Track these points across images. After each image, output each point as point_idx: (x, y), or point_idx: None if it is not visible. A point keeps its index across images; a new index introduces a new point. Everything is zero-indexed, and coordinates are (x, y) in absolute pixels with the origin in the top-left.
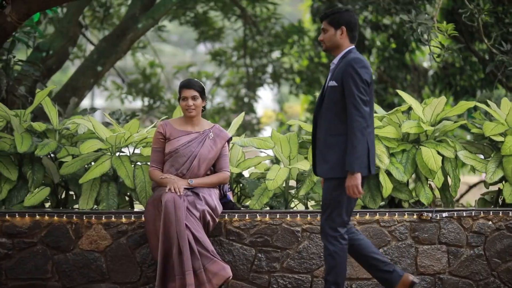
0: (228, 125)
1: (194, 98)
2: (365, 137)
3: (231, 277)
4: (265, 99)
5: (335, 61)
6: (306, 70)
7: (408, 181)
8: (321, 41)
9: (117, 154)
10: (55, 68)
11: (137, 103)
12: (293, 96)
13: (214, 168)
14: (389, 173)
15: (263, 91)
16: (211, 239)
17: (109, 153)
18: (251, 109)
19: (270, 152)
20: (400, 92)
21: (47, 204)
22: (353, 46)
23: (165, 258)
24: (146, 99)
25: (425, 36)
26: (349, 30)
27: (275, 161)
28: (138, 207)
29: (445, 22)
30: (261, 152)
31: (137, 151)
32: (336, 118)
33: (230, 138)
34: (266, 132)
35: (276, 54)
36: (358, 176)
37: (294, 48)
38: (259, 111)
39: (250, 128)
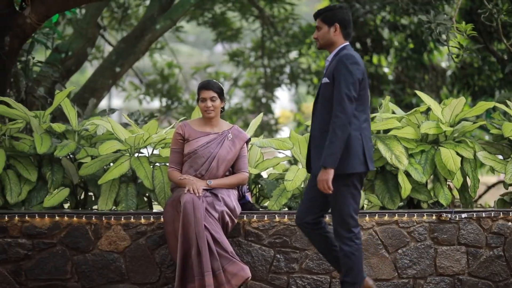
0: (245, 125)
1: (212, 99)
2: (344, 134)
3: (250, 277)
4: (282, 99)
5: (329, 58)
6: (323, 70)
7: (427, 182)
8: (315, 38)
9: (136, 155)
10: (74, 69)
11: (155, 104)
12: (310, 96)
13: (233, 169)
14: (408, 174)
15: (280, 91)
16: (230, 240)
17: (128, 154)
18: (268, 110)
19: (288, 153)
20: (419, 93)
21: (66, 205)
22: (347, 43)
23: (184, 259)
24: (164, 100)
25: (444, 36)
26: (343, 27)
27: (293, 161)
28: (156, 208)
29: (463, 22)
30: (279, 152)
31: (155, 152)
32: (329, 115)
33: (249, 139)
34: (284, 132)
35: (293, 54)
36: (331, 172)
37: (312, 48)
38: (276, 112)
39: (267, 129)
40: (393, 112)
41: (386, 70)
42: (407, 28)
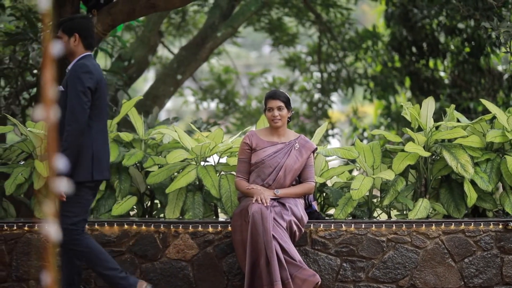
0: (301, 130)
1: (279, 108)
2: (77, 142)
3: (320, 282)
4: (336, 103)
5: (69, 67)
6: (379, 75)
7: (492, 190)
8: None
9: (202, 163)
10: (135, 77)
11: (207, 109)
12: (367, 100)
13: (300, 178)
14: (473, 183)
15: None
16: (297, 248)
17: (194, 163)
18: (324, 115)
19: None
20: (483, 101)
21: (132, 213)
22: (89, 53)
23: (253, 268)
24: (221, 105)
25: (502, 40)
26: (83, 37)
27: (358, 170)
28: (222, 217)
29: None
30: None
31: (222, 160)
32: (65, 122)
33: (316, 149)
34: (339, 137)
35: (349, 59)
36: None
37: (368, 53)
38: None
39: (323, 134)
40: (458, 120)
41: (442, 74)
42: (463, 32)
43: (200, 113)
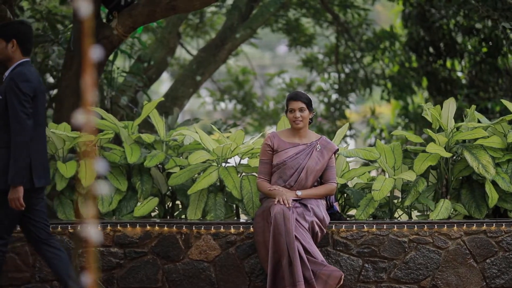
0: (319, 131)
1: (301, 110)
2: (26, 151)
3: (343, 275)
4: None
5: (7, 73)
6: (397, 75)
7: None
8: None
9: (224, 165)
10: (154, 78)
11: (225, 110)
12: (384, 101)
13: (321, 179)
14: (494, 183)
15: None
16: (319, 249)
17: (215, 164)
18: (342, 115)
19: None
20: (504, 101)
21: (153, 214)
22: (26, 59)
23: (275, 269)
24: (238, 106)
25: None
26: (20, 43)
27: (379, 171)
28: (243, 218)
29: None
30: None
31: (243, 161)
32: (1, 130)
33: (337, 150)
34: (357, 137)
35: (367, 59)
36: (20, 189)
37: (386, 53)
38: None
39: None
40: (478, 121)
41: (459, 74)
42: (481, 32)
43: (217, 114)
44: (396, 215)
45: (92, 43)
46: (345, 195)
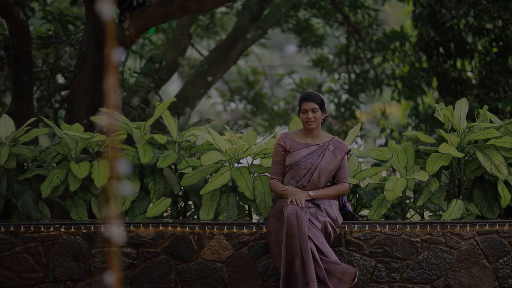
0: (329, 131)
1: (314, 110)
2: None
3: (358, 272)
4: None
5: None
6: (407, 75)
7: None
8: None
9: (236, 165)
10: (165, 79)
11: (235, 109)
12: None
13: (334, 179)
14: (507, 183)
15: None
16: (331, 249)
17: (228, 165)
18: (352, 115)
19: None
20: None
21: (165, 214)
22: None
23: (288, 269)
24: (249, 106)
25: None
26: None
27: (391, 171)
28: (255, 218)
29: None
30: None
31: (255, 162)
32: None
33: (349, 150)
34: (367, 138)
35: (377, 60)
36: None
37: (396, 53)
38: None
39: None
40: (491, 121)
41: (469, 74)
42: (491, 32)
43: (226, 115)
44: (408, 215)
45: (114, 45)
46: (357, 195)
